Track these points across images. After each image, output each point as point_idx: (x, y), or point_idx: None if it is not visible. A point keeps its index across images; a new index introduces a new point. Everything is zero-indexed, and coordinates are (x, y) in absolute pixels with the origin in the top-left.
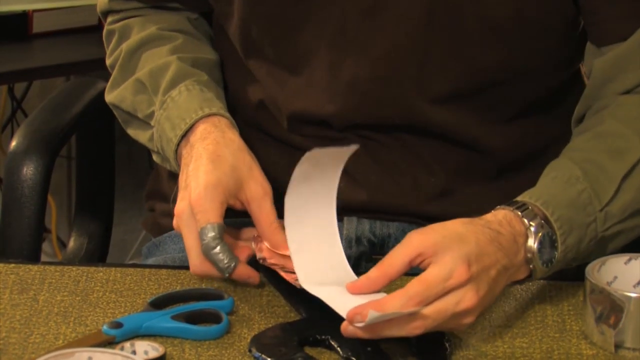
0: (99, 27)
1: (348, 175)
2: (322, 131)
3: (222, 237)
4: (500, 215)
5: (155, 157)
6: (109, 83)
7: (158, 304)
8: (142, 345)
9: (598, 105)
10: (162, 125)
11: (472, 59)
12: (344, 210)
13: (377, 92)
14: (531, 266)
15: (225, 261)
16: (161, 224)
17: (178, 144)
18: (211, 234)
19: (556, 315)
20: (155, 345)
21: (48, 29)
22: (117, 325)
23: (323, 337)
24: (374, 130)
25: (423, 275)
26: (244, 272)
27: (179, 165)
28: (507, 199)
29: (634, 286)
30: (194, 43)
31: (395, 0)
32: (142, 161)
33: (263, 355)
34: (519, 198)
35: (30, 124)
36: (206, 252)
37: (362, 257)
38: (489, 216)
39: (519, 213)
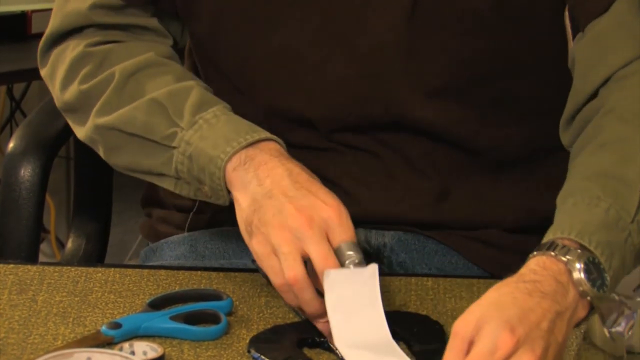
0: None
1: (339, 188)
2: (308, 137)
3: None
4: (532, 265)
5: (164, 182)
6: (97, 106)
7: (157, 304)
8: (140, 346)
9: (590, 109)
10: (198, 145)
11: (457, 51)
12: None
13: (364, 90)
14: (588, 298)
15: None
16: (158, 230)
17: (226, 162)
18: (356, 253)
19: None
20: (154, 345)
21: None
22: (116, 325)
23: (322, 338)
24: (362, 133)
25: (469, 357)
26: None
27: (224, 184)
28: (505, 201)
29: (634, 290)
30: (190, 72)
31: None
32: None
33: (262, 356)
34: (544, 240)
35: (28, 125)
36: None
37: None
38: (520, 270)
39: (552, 253)
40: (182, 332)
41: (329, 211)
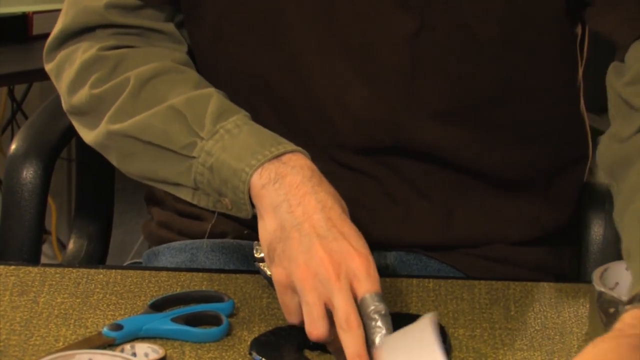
0: None
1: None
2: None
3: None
4: (628, 319)
5: (181, 193)
6: (110, 112)
7: (158, 306)
8: (142, 347)
9: None
10: (219, 156)
11: (460, 76)
12: None
13: (367, 112)
14: None
15: (383, 333)
16: (158, 234)
17: (252, 174)
18: (380, 303)
19: (556, 317)
20: (156, 347)
21: (48, 31)
22: (117, 327)
23: None
24: (363, 155)
25: None
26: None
27: (248, 198)
28: (508, 216)
29: None
30: (206, 81)
31: (384, 17)
32: None
33: (263, 359)
34: (633, 291)
35: (30, 127)
36: (369, 320)
37: None
38: (616, 326)
39: None
40: (183, 333)
41: (358, 261)
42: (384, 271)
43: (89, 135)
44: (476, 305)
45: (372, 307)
